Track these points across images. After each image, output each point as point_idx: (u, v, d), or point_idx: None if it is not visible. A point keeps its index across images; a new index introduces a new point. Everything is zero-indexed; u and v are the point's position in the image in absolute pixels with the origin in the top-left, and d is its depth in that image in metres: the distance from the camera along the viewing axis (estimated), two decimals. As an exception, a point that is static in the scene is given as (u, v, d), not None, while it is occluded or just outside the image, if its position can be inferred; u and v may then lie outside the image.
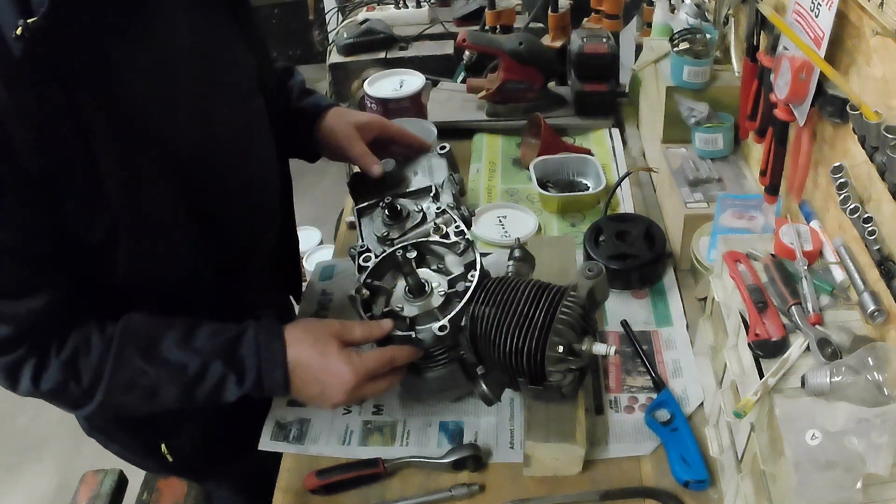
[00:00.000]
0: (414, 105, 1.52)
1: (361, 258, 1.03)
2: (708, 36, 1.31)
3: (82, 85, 0.78)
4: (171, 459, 1.18)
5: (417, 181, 1.15)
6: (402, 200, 1.11)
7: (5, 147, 0.74)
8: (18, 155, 0.75)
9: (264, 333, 0.93)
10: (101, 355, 0.87)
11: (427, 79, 1.58)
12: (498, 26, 2.00)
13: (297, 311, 1.28)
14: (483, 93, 1.70)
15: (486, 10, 2.01)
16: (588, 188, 1.48)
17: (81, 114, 0.78)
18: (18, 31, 0.71)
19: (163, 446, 1.17)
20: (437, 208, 1.07)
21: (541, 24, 1.99)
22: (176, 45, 0.89)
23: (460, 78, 1.99)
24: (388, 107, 1.51)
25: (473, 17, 2.19)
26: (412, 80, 1.54)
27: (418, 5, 2.35)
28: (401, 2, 2.36)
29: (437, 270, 1.03)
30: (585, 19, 1.83)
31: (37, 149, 0.75)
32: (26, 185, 0.77)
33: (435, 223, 1.05)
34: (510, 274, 1.02)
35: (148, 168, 0.86)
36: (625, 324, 1.17)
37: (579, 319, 0.90)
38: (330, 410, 0.99)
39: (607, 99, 1.67)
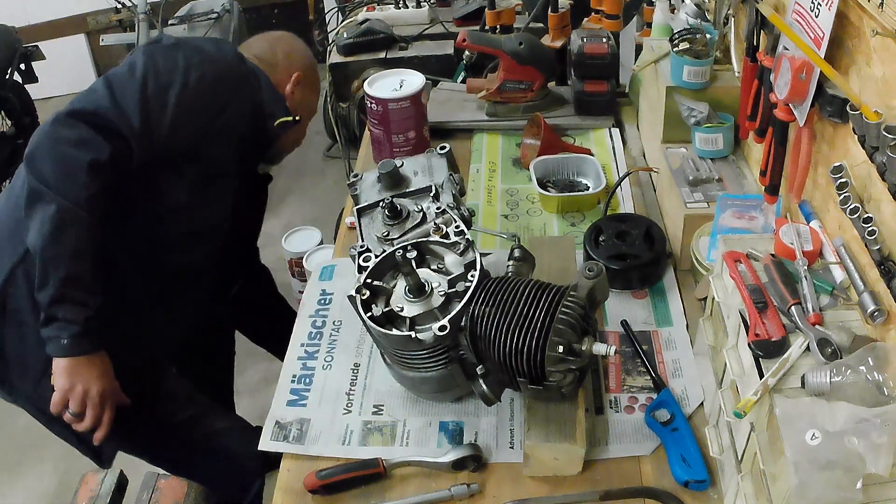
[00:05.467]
0: (414, 105, 1.52)
1: (361, 258, 1.03)
2: (708, 36, 1.31)
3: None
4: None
5: (417, 181, 1.15)
6: (402, 200, 1.11)
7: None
8: None
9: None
10: None
11: (427, 79, 1.57)
12: (498, 26, 2.00)
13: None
14: (483, 93, 1.70)
15: (486, 10, 2.01)
16: (588, 188, 1.48)
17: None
18: None
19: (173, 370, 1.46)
20: (437, 208, 1.07)
21: (541, 24, 1.99)
22: None
23: (460, 78, 1.99)
24: (388, 107, 1.51)
25: (473, 17, 2.19)
26: (412, 80, 1.54)
27: (418, 5, 2.35)
28: (401, 2, 2.36)
29: (437, 270, 1.03)
30: (585, 19, 1.83)
31: None
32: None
33: (435, 223, 1.05)
34: (510, 274, 1.02)
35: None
36: (625, 324, 1.17)
37: (579, 319, 0.90)
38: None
39: (607, 99, 1.67)
